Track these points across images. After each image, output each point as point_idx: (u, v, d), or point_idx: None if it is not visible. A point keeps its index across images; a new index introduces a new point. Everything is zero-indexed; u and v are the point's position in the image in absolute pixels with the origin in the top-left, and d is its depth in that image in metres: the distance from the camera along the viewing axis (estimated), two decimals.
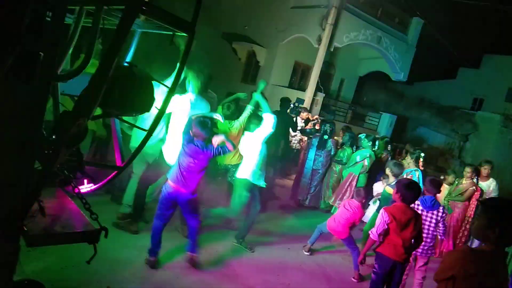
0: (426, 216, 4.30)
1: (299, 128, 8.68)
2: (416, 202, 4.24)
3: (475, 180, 6.48)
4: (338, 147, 7.28)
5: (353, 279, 4.68)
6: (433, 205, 4.30)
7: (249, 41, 15.05)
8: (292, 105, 8.35)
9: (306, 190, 7.04)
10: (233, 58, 15.69)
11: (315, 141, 7.06)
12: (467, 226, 6.69)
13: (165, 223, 3.86)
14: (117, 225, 4.32)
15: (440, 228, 4.31)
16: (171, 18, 1.88)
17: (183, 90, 4.47)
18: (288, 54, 14.58)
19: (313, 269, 4.75)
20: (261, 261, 4.57)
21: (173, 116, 4.39)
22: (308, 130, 8.30)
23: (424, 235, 4.09)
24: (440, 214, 4.28)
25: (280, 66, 14.61)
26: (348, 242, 4.84)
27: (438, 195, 4.72)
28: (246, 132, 4.94)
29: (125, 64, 1.90)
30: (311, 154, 7.01)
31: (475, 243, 6.29)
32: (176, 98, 4.20)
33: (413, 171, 5.98)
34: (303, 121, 8.98)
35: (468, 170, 6.47)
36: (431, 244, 4.31)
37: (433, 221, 4.30)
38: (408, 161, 6.29)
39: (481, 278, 2.04)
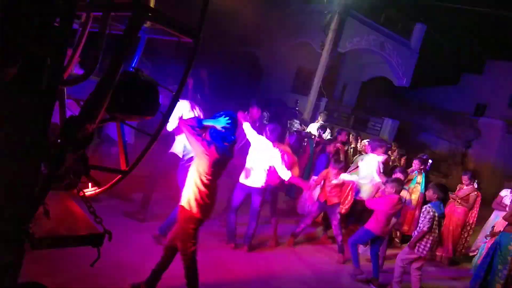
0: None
1: (294, 129, 8.70)
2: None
3: (475, 185, 6.54)
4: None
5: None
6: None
7: (252, 45, 15.09)
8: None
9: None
10: (237, 63, 15.73)
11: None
12: (470, 233, 6.71)
13: None
14: None
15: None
16: (177, 24, 1.90)
17: None
18: (291, 59, 14.60)
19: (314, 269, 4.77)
20: (262, 264, 4.61)
21: None
22: (304, 133, 8.34)
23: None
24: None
25: (283, 71, 14.64)
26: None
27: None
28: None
29: (131, 69, 1.92)
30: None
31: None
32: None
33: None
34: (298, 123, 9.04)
35: (465, 178, 6.57)
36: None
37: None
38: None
39: None
